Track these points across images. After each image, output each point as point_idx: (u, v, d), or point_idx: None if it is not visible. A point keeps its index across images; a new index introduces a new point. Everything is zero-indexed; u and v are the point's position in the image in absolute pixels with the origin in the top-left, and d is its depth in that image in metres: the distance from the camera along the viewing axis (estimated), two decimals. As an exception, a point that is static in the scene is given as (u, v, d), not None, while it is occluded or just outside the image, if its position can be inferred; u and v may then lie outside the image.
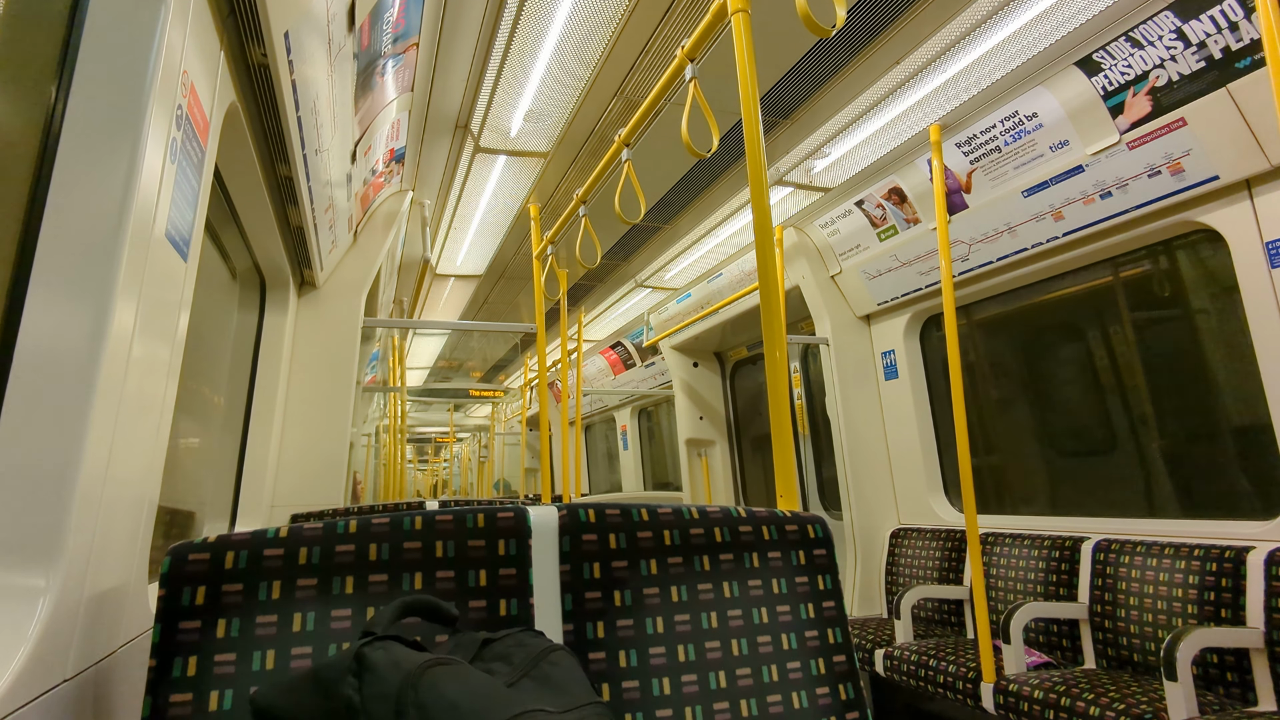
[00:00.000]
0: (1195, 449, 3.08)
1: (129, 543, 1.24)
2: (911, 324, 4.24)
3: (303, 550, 0.99)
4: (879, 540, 4.20)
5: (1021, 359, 3.89)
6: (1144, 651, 2.67)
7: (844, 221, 4.12)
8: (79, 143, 1.09)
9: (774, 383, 1.54)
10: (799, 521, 1.25)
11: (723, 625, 1.13)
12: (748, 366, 6.47)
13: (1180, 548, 2.67)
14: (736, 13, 1.69)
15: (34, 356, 1.01)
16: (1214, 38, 2.37)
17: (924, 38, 2.67)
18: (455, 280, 5.69)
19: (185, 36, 1.28)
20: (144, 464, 1.28)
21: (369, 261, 3.67)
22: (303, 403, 3.34)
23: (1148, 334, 3.25)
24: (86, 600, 1.04)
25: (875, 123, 3.32)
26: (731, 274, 5.18)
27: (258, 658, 0.93)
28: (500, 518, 1.10)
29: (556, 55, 2.75)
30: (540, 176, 3.77)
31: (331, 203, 2.81)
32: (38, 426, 0.99)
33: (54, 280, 1.04)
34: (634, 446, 9.00)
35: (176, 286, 1.37)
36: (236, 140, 1.94)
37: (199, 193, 1.47)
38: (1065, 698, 2.40)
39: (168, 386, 1.38)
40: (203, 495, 2.76)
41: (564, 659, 0.88)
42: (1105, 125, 2.79)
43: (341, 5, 1.87)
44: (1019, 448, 3.89)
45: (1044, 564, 3.12)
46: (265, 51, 1.65)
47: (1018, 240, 3.38)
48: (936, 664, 2.94)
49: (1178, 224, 2.87)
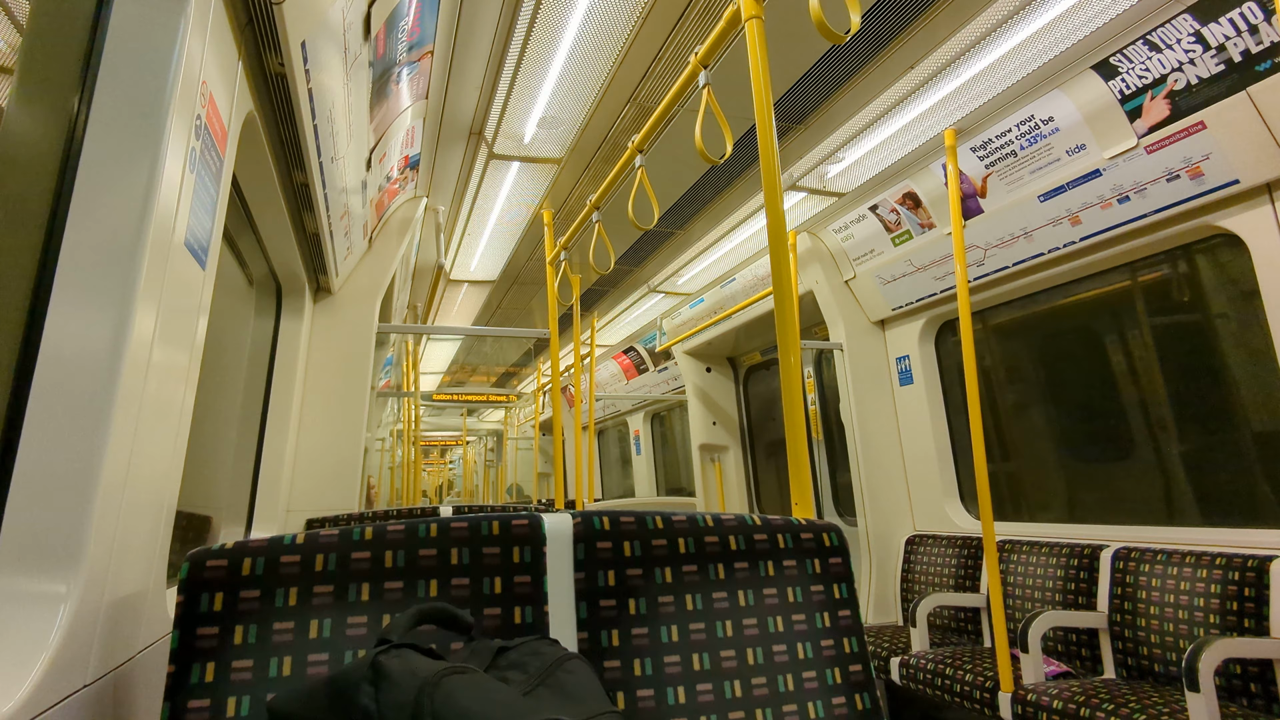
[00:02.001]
0: (1216, 456, 3.03)
1: (148, 548, 1.25)
2: (926, 329, 4.21)
3: (319, 557, 0.99)
4: (894, 547, 4.17)
5: (1038, 364, 3.85)
6: (1165, 662, 2.63)
7: (858, 226, 4.11)
8: (101, 152, 1.11)
9: (788, 388, 1.54)
10: (814, 530, 1.24)
11: (738, 634, 1.12)
12: (761, 372, 6.44)
13: (1201, 556, 2.62)
14: (750, 19, 1.68)
15: (57, 363, 1.02)
16: (1233, 40, 2.35)
17: (939, 42, 2.66)
18: (469, 286, 5.71)
19: (204, 47, 1.29)
20: (163, 469, 1.30)
21: (383, 267, 3.69)
22: (318, 408, 3.36)
23: (1166, 339, 3.21)
24: (106, 606, 1.05)
25: (889, 128, 3.31)
26: (744, 279, 5.17)
27: (275, 664, 0.93)
28: (515, 525, 1.10)
29: (570, 62, 2.76)
30: (553, 183, 3.78)
31: (347, 209, 2.83)
32: (60, 432, 1.00)
33: (76, 288, 1.05)
34: (647, 451, 8.98)
35: (195, 293, 1.38)
36: (254, 148, 1.96)
37: (217, 201, 1.48)
38: (1085, 708, 2.37)
39: (186, 392, 1.39)
40: (219, 500, 2.78)
41: (579, 667, 0.87)
42: (1123, 129, 2.77)
43: (358, 14, 1.89)
44: (1036, 454, 3.85)
45: (1062, 572, 3.08)
46: (283, 61, 1.66)
47: (1034, 245, 3.35)
48: (953, 673, 2.91)
49: (1197, 228, 2.84)
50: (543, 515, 1.14)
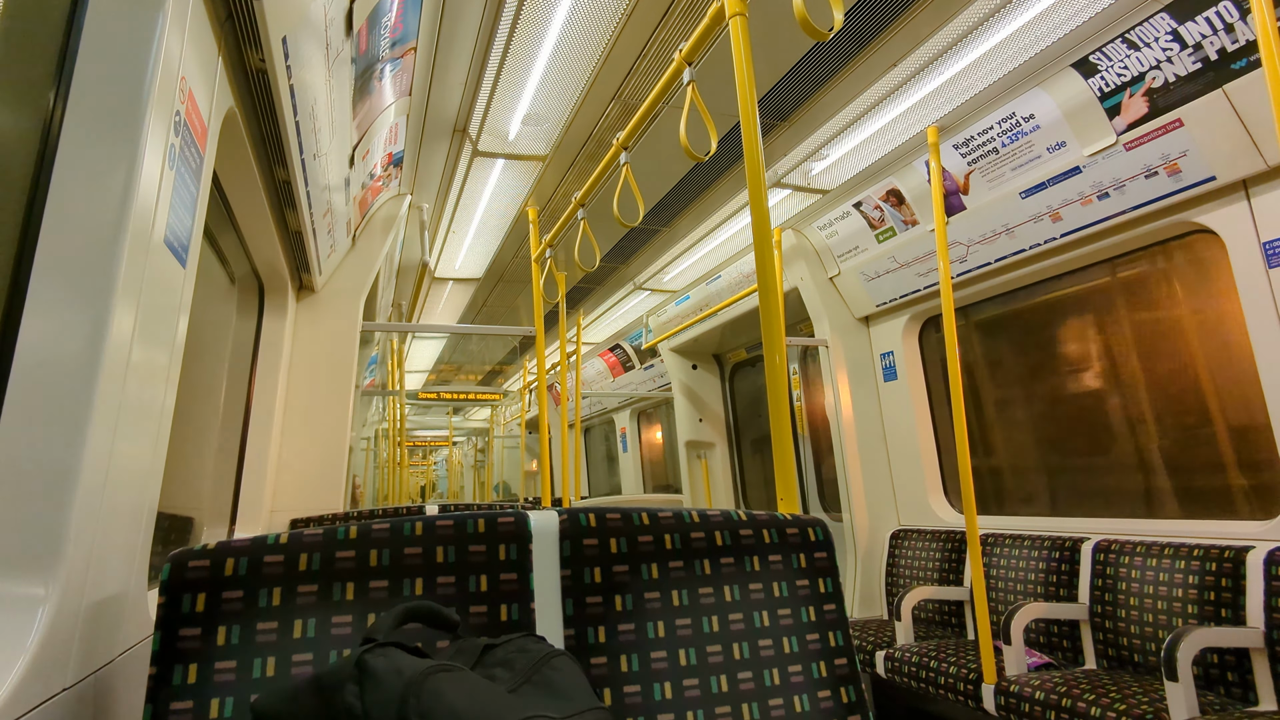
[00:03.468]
0: (1194, 449, 3.08)
1: (129, 549, 1.23)
2: (910, 325, 4.24)
3: (303, 557, 0.99)
4: (879, 541, 4.20)
5: (1020, 359, 3.89)
6: (1144, 652, 2.67)
7: (842, 223, 4.13)
8: (78, 149, 1.09)
9: (773, 385, 1.54)
10: (800, 525, 1.25)
11: (724, 629, 1.12)
12: (746, 369, 6.47)
13: (1180, 548, 2.67)
14: (734, 16, 1.69)
15: (33, 362, 1.01)
16: (1210, 39, 2.38)
17: (921, 40, 2.68)
18: (454, 284, 5.69)
19: (183, 42, 1.27)
20: (144, 470, 1.28)
21: (367, 265, 3.67)
22: (302, 407, 3.33)
23: (1145, 334, 3.25)
24: (86, 608, 1.04)
25: (873, 125, 3.32)
26: (730, 276, 5.18)
27: (258, 665, 0.93)
28: (501, 523, 1.10)
29: (554, 59, 2.76)
30: (539, 180, 3.77)
31: (330, 207, 2.81)
32: (37, 432, 0.99)
33: (53, 286, 1.04)
34: (633, 449, 9.00)
35: (175, 292, 1.36)
36: (234, 145, 1.94)
37: (197, 198, 1.47)
38: (1066, 698, 2.40)
39: (167, 392, 1.38)
40: (202, 501, 2.76)
41: (565, 664, 0.87)
42: (1102, 126, 2.80)
43: (339, 10, 1.87)
44: (1018, 448, 3.89)
45: (1044, 565, 3.12)
46: (263, 56, 1.65)
47: (1016, 241, 3.39)
48: (937, 665, 2.94)
49: (1175, 224, 2.88)
50: (529, 513, 1.14)
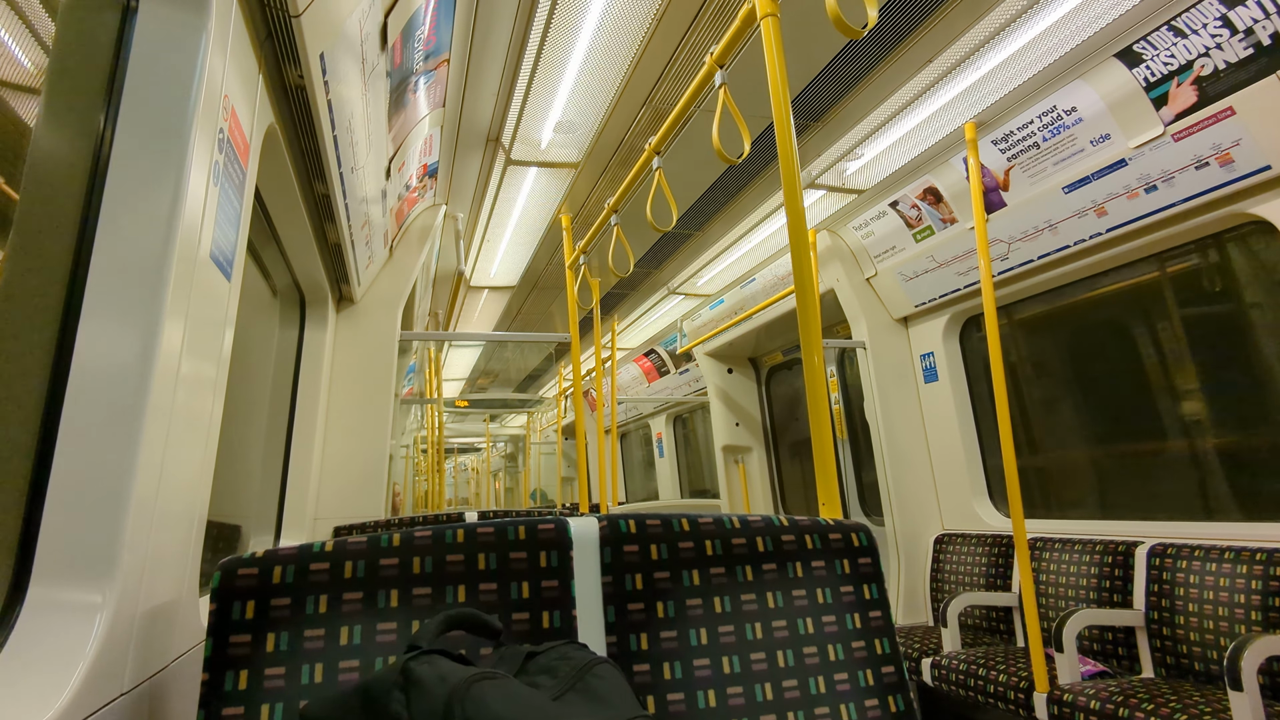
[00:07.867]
0: (1253, 448, 2.96)
1: (180, 557, 1.26)
2: (950, 325, 4.16)
3: (348, 564, 1.00)
4: (923, 546, 4.12)
5: (1066, 358, 3.78)
6: (1205, 660, 2.57)
7: (878, 223, 4.07)
8: (127, 168, 1.12)
9: (812, 388, 1.52)
10: (842, 530, 1.23)
11: (767, 636, 1.11)
12: (783, 372, 6.41)
13: (1241, 551, 2.56)
14: (766, 17, 1.67)
15: (88, 377, 1.04)
16: (1262, 23, 2.29)
17: (957, 35, 2.63)
18: (489, 292, 5.74)
19: (226, 61, 1.31)
20: (193, 479, 1.31)
21: (405, 276, 3.72)
22: (343, 416, 3.39)
23: (1199, 330, 3.14)
24: (141, 615, 1.06)
25: (908, 122, 3.27)
26: (764, 279, 5.14)
27: (306, 671, 0.94)
28: (541, 530, 1.10)
29: (585, 67, 2.77)
30: (571, 187, 3.79)
31: (367, 219, 2.85)
32: (93, 445, 1.02)
33: (106, 302, 1.07)
34: (670, 454, 8.97)
35: (221, 305, 1.40)
36: (275, 160, 1.98)
37: (241, 213, 1.50)
38: (1124, 708, 2.32)
39: (214, 403, 1.41)
40: (248, 509, 2.82)
41: (609, 672, 0.87)
42: (1149, 117, 2.72)
43: (374, 25, 1.90)
44: (1066, 450, 3.79)
45: (1096, 569, 3.02)
46: (302, 73, 1.68)
47: (1059, 238, 3.30)
48: (986, 673, 2.86)
49: (1228, 216, 2.77)
50: (568, 519, 1.13)
